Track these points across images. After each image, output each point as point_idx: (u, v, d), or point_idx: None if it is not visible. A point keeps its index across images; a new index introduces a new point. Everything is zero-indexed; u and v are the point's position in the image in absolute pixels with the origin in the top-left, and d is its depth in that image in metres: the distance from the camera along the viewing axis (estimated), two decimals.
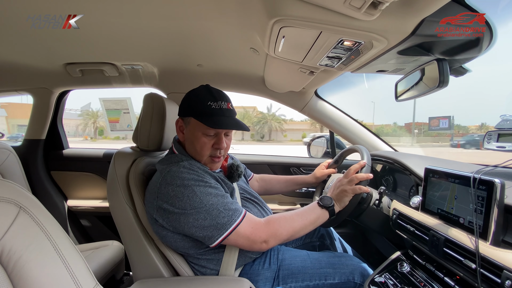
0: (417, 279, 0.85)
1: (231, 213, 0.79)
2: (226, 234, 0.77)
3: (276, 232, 0.82)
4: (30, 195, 0.52)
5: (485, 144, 0.87)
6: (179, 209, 0.77)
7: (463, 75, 0.94)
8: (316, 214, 0.90)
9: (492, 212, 0.63)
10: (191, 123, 0.90)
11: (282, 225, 0.84)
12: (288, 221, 0.85)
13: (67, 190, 1.80)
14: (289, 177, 1.37)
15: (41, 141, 1.73)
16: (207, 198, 0.78)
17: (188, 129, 0.91)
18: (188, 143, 0.92)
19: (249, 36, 0.99)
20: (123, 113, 1.94)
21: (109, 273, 1.29)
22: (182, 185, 0.78)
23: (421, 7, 0.57)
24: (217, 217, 0.77)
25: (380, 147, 1.58)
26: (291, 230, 0.84)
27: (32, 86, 1.66)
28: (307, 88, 1.47)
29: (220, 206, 0.78)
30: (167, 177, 0.81)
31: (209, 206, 0.77)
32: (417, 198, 0.91)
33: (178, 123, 0.94)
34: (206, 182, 0.82)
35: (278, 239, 0.82)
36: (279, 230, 0.82)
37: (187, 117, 0.90)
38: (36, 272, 0.46)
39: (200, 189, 0.79)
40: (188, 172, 0.81)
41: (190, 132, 0.90)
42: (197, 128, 0.88)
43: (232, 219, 0.78)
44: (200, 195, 0.78)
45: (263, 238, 0.80)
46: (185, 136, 0.93)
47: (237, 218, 0.79)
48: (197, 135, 0.88)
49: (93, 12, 0.88)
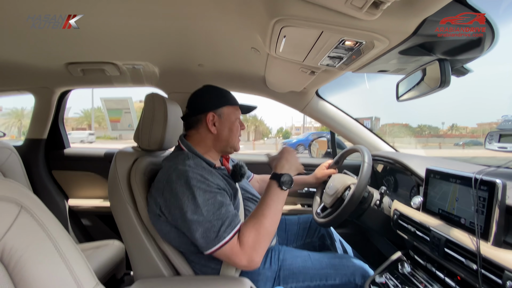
0: (418, 279, 0.85)
1: (224, 228, 0.76)
2: (213, 249, 0.75)
3: (254, 250, 0.77)
4: (31, 194, 0.52)
5: (487, 144, 0.86)
6: (179, 209, 0.77)
7: (464, 75, 0.94)
8: (282, 200, 0.87)
9: (494, 212, 0.63)
10: (225, 112, 0.96)
11: (257, 240, 0.78)
12: (261, 230, 0.79)
13: (68, 190, 1.80)
14: None
15: (42, 141, 1.74)
16: (204, 205, 0.76)
17: (224, 118, 0.95)
18: (224, 132, 0.95)
19: (250, 36, 0.99)
20: (124, 113, 1.94)
21: (109, 272, 1.29)
22: (186, 184, 0.78)
23: (423, 7, 0.57)
24: (208, 231, 0.75)
25: (381, 147, 1.58)
26: (268, 236, 0.81)
27: (33, 86, 1.66)
28: (308, 88, 1.47)
29: (214, 218, 0.76)
30: (172, 174, 0.81)
31: (205, 213, 0.76)
32: (418, 199, 0.90)
33: (210, 117, 0.94)
34: (208, 184, 0.80)
35: (260, 253, 0.78)
36: (255, 247, 0.77)
37: (219, 108, 0.95)
38: (37, 271, 0.46)
39: (200, 193, 0.77)
40: (193, 172, 0.80)
41: (227, 121, 0.96)
42: (232, 114, 0.97)
43: (222, 237, 0.75)
44: (198, 199, 0.76)
45: (244, 264, 0.77)
46: (220, 127, 0.95)
47: (227, 236, 0.75)
48: (233, 120, 0.97)
49: (95, 12, 0.88)
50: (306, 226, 1.29)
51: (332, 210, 1.12)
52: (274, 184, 0.87)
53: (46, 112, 1.71)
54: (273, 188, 0.87)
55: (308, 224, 1.29)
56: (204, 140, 0.95)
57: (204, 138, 0.95)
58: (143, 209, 0.90)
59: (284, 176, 0.87)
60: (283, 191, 0.87)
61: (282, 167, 0.90)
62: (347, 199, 0.99)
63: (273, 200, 0.85)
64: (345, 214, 0.99)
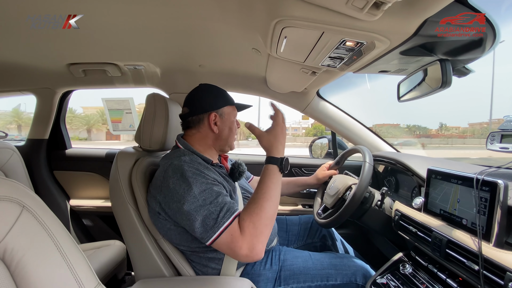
0: (419, 280, 0.85)
1: (222, 213, 0.74)
2: (213, 238, 0.73)
3: (255, 236, 0.73)
4: (33, 194, 0.52)
5: (488, 145, 0.86)
6: (177, 202, 0.76)
7: (466, 76, 0.94)
8: (280, 184, 0.85)
9: (495, 213, 0.63)
10: (225, 112, 0.98)
11: (259, 225, 0.74)
12: (262, 214, 0.76)
13: (70, 190, 1.81)
14: (290, 178, 1.36)
15: (44, 141, 1.74)
16: (201, 195, 0.76)
17: (225, 118, 0.97)
18: (225, 131, 0.97)
19: (251, 37, 0.99)
20: (125, 113, 1.94)
21: (111, 272, 1.29)
22: (182, 177, 0.78)
23: (424, 7, 0.57)
24: (206, 218, 0.73)
25: (382, 147, 1.57)
26: (269, 221, 0.77)
27: (35, 87, 1.67)
28: (309, 89, 1.47)
29: (212, 206, 0.75)
30: (168, 170, 0.81)
31: (202, 202, 0.75)
32: (420, 199, 0.90)
33: (213, 117, 0.94)
34: (204, 176, 0.80)
35: (261, 240, 0.74)
36: (257, 234, 0.73)
37: (221, 108, 0.97)
38: (38, 271, 0.46)
39: (196, 184, 0.77)
40: (189, 165, 0.81)
41: (227, 120, 0.98)
42: (231, 114, 1.00)
43: (221, 223, 0.73)
44: (195, 190, 0.76)
45: (245, 252, 0.72)
46: (221, 126, 0.96)
47: (226, 221, 0.73)
48: (232, 120, 1.00)
49: (96, 12, 0.88)
50: (307, 227, 1.29)
51: (334, 210, 1.11)
52: (275, 169, 0.85)
53: (48, 112, 1.72)
54: (273, 172, 0.84)
55: (309, 225, 1.29)
56: (205, 139, 0.96)
57: (205, 137, 0.96)
58: (144, 209, 0.90)
59: (284, 159, 0.86)
60: (281, 175, 0.87)
61: (278, 150, 0.88)
62: (348, 200, 0.99)
63: (274, 183, 0.83)
64: (346, 215, 0.99)
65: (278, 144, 0.88)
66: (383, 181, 1.42)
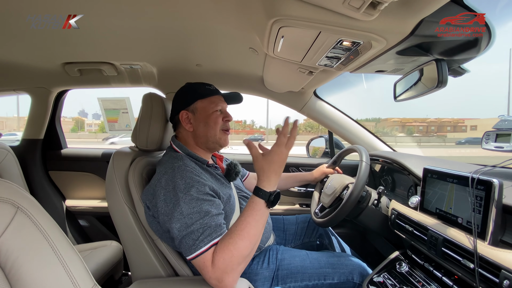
0: (415, 279, 0.85)
1: (202, 237, 0.70)
2: (189, 258, 0.71)
3: (225, 272, 0.68)
4: (28, 195, 0.51)
5: (483, 144, 0.87)
6: (165, 214, 0.75)
7: (461, 76, 0.95)
8: (265, 219, 0.77)
9: (490, 212, 0.63)
10: (198, 107, 0.94)
11: (230, 262, 0.68)
12: (235, 252, 0.69)
13: (65, 190, 1.79)
14: (288, 174, 1.38)
15: (39, 141, 1.72)
16: (189, 213, 0.73)
17: (198, 113, 0.94)
18: (200, 128, 0.93)
19: (248, 36, 0.99)
20: (121, 113, 1.93)
21: (107, 273, 1.28)
22: (173, 191, 0.76)
23: (420, 8, 0.57)
24: (187, 237, 0.71)
25: (379, 147, 1.58)
26: (242, 259, 0.70)
27: (30, 86, 1.65)
28: (306, 88, 1.47)
29: (195, 227, 0.71)
30: (161, 180, 0.80)
31: (188, 220, 0.72)
32: (416, 198, 0.91)
33: (183, 115, 0.94)
34: (197, 188, 0.77)
35: (232, 275, 0.68)
36: (227, 270, 0.68)
37: (191, 105, 0.94)
38: (33, 273, 0.46)
39: (186, 200, 0.74)
40: (182, 175, 0.78)
41: (201, 115, 0.94)
42: (207, 107, 0.94)
43: (197, 246, 0.70)
44: (183, 207, 0.73)
45: (213, 282, 0.69)
46: (195, 123, 0.94)
47: (203, 246, 0.70)
48: (208, 113, 0.94)
49: (92, 12, 0.87)
50: (304, 226, 1.29)
51: (331, 210, 1.12)
52: (261, 203, 0.75)
53: (43, 112, 1.70)
54: (258, 206, 0.74)
55: (306, 224, 1.30)
56: (186, 139, 0.96)
57: (185, 137, 0.96)
58: (141, 209, 0.89)
59: (274, 194, 0.76)
60: (267, 211, 0.77)
61: (269, 181, 0.76)
62: (345, 199, 1.00)
63: (256, 220, 0.73)
64: (343, 214, 0.99)
65: (271, 173, 0.76)
66: (380, 180, 1.43)
